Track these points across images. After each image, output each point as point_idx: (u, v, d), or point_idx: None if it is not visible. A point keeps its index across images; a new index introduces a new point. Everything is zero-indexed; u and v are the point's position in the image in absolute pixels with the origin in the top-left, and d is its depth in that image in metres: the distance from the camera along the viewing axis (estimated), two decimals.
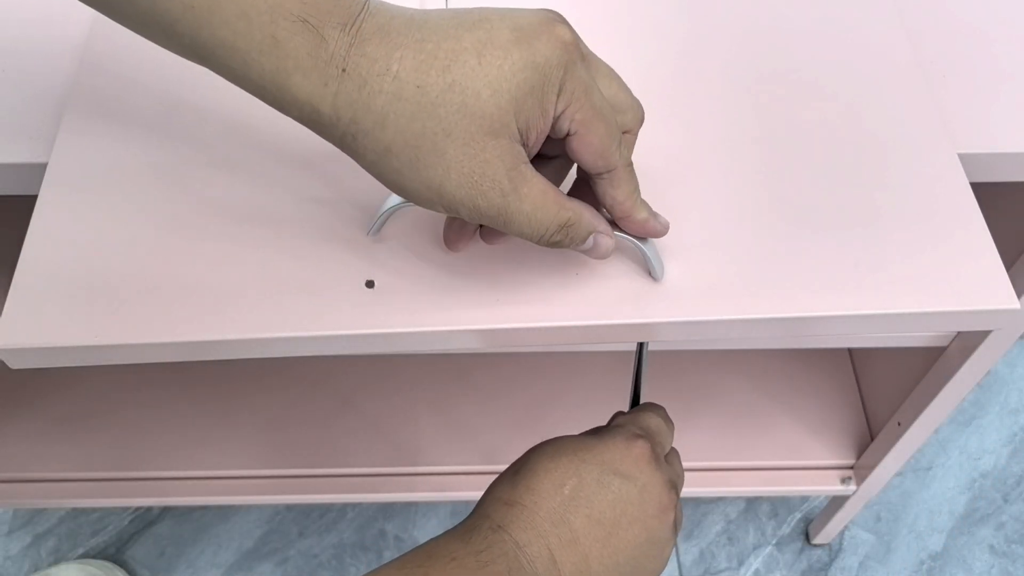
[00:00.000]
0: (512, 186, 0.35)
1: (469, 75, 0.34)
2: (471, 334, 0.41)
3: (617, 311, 0.41)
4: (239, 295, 0.40)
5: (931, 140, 0.47)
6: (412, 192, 0.35)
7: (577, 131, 0.36)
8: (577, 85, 0.35)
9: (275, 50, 0.33)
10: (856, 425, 0.98)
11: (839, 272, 0.42)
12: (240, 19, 0.33)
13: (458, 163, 0.34)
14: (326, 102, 0.34)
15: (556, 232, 0.37)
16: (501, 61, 0.34)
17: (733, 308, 0.41)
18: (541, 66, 0.34)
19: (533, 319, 0.41)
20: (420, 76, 0.34)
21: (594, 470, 0.43)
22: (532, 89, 0.34)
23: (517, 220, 0.36)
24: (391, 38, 0.34)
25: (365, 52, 0.34)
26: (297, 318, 0.40)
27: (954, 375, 0.74)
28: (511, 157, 0.35)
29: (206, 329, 0.39)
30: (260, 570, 1.13)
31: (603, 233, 0.39)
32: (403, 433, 0.97)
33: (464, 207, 0.35)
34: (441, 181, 0.34)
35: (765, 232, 0.43)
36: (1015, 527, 1.18)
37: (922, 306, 0.41)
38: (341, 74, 0.33)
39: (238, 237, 0.42)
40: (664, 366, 1.01)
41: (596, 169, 0.38)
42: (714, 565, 1.15)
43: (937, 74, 0.52)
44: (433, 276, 0.42)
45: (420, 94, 0.34)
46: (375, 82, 0.34)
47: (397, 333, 0.40)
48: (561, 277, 0.42)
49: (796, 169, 0.46)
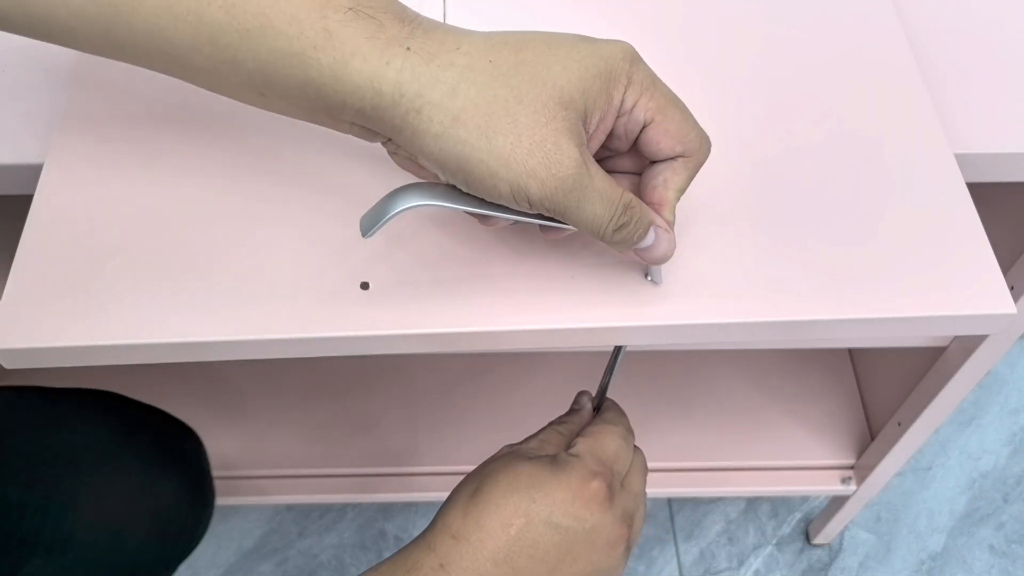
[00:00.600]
0: (583, 159, 0.34)
1: (540, 56, 0.35)
2: (467, 336, 0.40)
3: (614, 314, 0.41)
4: (232, 296, 0.40)
5: (929, 142, 0.47)
6: (477, 164, 0.34)
7: (654, 118, 0.36)
8: (645, 77, 0.36)
9: (329, 42, 0.34)
10: (856, 425, 0.98)
11: (833, 275, 0.42)
12: (292, 24, 0.34)
13: (530, 129, 0.33)
14: (388, 80, 0.34)
15: (623, 212, 0.36)
16: (569, 49, 0.35)
17: (729, 312, 0.41)
18: (606, 58, 0.35)
19: (531, 322, 0.40)
20: (492, 53, 0.34)
21: (543, 511, 0.42)
22: (600, 73, 0.35)
23: (589, 196, 0.35)
24: (458, 31, 0.35)
25: (431, 37, 0.35)
26: (290, 320, 0.39)
27: (954, 375, 0.74)
28: (579, 133, 0.35)
29: (201, 330, 0.39)
30: (260, 570, 1.13)
31: (663, 227, 0.38)
32: (403, 433, 0.97)
33: (535, 179, 0.33)
34: (512, 149, 0.33)
35: (758, 235, 0.43)
36: (1015, 527, 1.18)
37: (917, 311, 0.41)
38: (406, 52, 0.34)
39: (233, 239, 0.42)
40: (664, 366, 1.01)
41: (674, 152, 0.37)
42: (714, 565, 1.15)
43: (938, 74, 0.52)
44: (429, 278, 0.41)
45: (492, 67, 0.34)
46: (445, 56, 0.34)
47: (392, 335, 0.40)
48: (560, 281, 0.42)
49: (791, 172, 0.45)
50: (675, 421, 0.98)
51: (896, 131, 0.47)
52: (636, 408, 0.97)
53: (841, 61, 0.50)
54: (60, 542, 0.60)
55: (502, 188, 0.34)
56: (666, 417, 0.98)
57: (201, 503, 0.71)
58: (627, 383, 0.99)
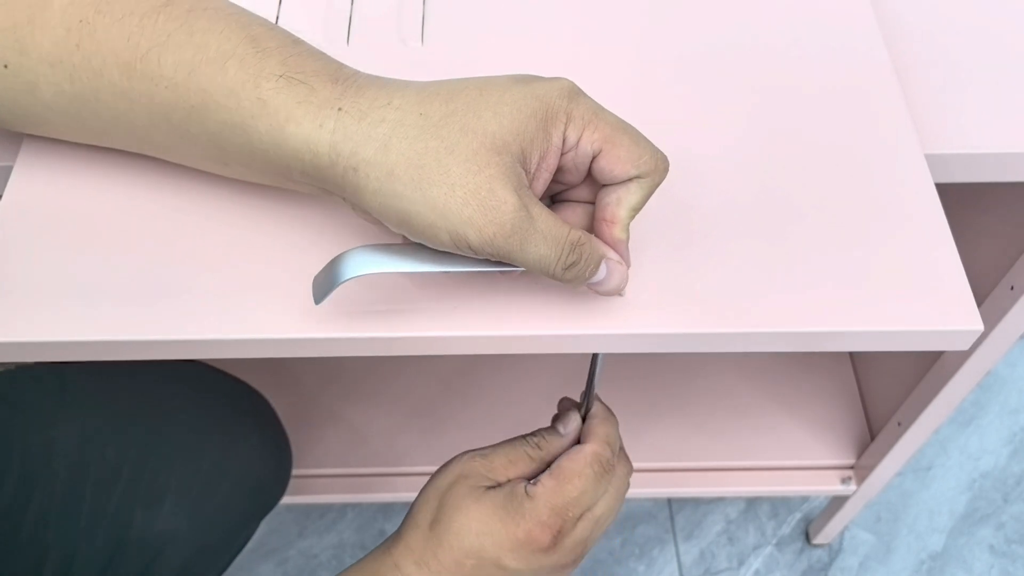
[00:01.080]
0: (522, 203, 0.34)
1: (471, 104, 0.35)
2: (441, 340, 0.40)
3: (588, 323, 0.40)
4: (203, 295, 0.40)
5: (901, 145, 0.46)
6: (415, 216, 0.34)
7: (602, 148, 0.36)
8: (586, 110, 0.36)
9: (264, 110, 0.35)
10: (856, 425, 0.98)
11: (801, 288, 0.41)
12: (229, 97, 0.36)
13: (463, 179, 0.34)
14: (323, 142, 0.35)
15: (570, 252, 0.36)
16: (501, 93, 0.35)
17: (687, 322, 0.40)
18: (541, 97, 0.35)
19: (515, 328, 0.40)
20: (423, 106, 0.35)
21: (493, 554, 0.46)
22: (534, 113, 0.35)
23: (532, 240, 0.35)
24: (391, 86, 0.36)
25: (363, 94, 0.35)
26: (250, 321, 0.39)
27: (954, 375, 0.74)
28: (516, 176, 0.35)
29: (178, 329, 0.39)
30: (260, 570, 1.13)
31: (615, 260, 0.38)
32: (402, 433, 0.97)
33: (473, 227, 0.34)
34: (446, 199, 0.33)
35: (727, 245, 0.42)
36: (1015, 527, 1.18)
37: (879, 325, 0.40)
38: (338, 113, 0.35)
39: (210, 235, 0.42)
40: (664, 366, 1.01)
41: (628, 175, 0.37)
42: (714, 565, 1.15)
43: (918, 74, 0.51)
44: (405, 282, 0.41)
45: (423, 119, 0.34)
46: (376, 113, 0.35)
47: (374, 338, 0.40)
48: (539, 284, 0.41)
49: (762, 181, 0.44)
50: (675, 421, 0.98)
51: (868, 134, 0.46)
52: (637, 408, 0.98)
53: (820, 71, 0.49)
54: (156, 496, 0.66)
55: (442, 237, 0.34)
56: (666, 417, 0.98)
57: (280, 459, 0.76)
58: (627, 383, 0.99)
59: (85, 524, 0.63)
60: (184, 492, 0.67)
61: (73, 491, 0.63)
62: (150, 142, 0.40)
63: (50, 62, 0.37)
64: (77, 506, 0.63)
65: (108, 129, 0.40)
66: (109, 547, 0.64)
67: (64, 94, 0.38)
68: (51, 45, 0.37)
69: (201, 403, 0.72)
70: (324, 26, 0.50)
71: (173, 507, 0.66)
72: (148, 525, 0.65)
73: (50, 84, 0.38)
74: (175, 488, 0.67)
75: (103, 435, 0.66)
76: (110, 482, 0.64)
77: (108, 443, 0.65)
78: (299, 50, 0.37)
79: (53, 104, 0.39)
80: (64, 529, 0.63)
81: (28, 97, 0.39)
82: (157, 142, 0.40)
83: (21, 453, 0.63)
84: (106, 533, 0.64)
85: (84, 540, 0.63)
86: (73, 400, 0.67)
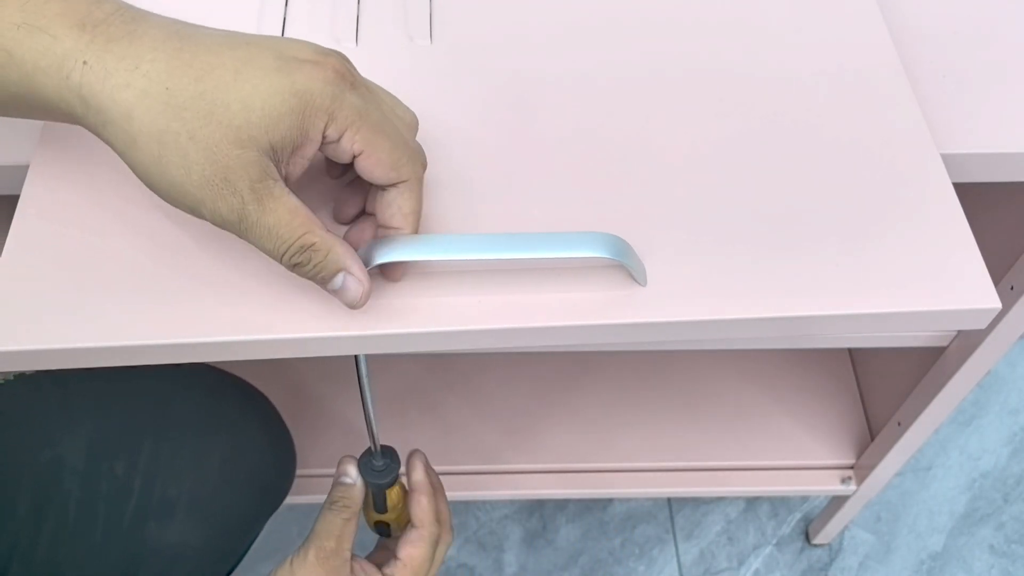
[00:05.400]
0: (254, 196, 0.35)
1: (221, 88, 0.34)
2: (458, 335, 0.40)
3: (599, 314, 0.40)
4: (199, 297, 0.40)
5: (913, 140, 0.46)
6: (156, 187, 0.35)
7: (363, 150, 0.37)
8: (350, 112, 0.36)
9: (11, 61, 0.34)
10: (856, 425, 0.98)
11: (818, 273, 0.41)
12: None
13: (199, 166, 0.34)
14: (72, 94, 0.34)
15: (296, 253, 0.36)
16: (257, 81, 0.35)
17: (710, 309, 0.40)
18: (301, 93, 0.35)
19: (531, 320, 0.40)
20: (171, 79, 0.34)
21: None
22: (291, 110, 0.35)
23: (255, 231, 0.35)
24: (144, 42, 0.35)
25: (111, 50, 0.34)
26: (248, 321, 0.39)
27: (954, 375, 0.74)
28: (257, 170, 0.35)
29: (176, 331, 0.39)
30: (260, 570, 1.13)
31: (355, 277, 0.38)
32: (400, 434, 0.97)
33: (205, 208, 0.35)
34: (183, 181, 0.34)
35: (743, 233, 0.43)
36: (1015, 527, 1.17)
37: (898, 307, 0.41)
38: (83, 66, 0.34)
39: (206, 237, 0.42)
40: (664, 366, 1.01)
41: (389, 180, 0.38)
42: (714, 565, 1.14)
43: (935, 74, 0.51)
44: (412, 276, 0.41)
45: (168, 95, 0.34)
46: (121, 76, 0.34)
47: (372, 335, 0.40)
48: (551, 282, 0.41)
49: (775, 171, 0.45)
50: (675, 421, 0.98)
51: (883, 132, 0.47)
52: (638, 408, 0.98)
53: (827, 63, 0.49)
54: (167, 508, 0.66)
55: (182, 207, 0.36)
56: (666, 417, 0.98)
57: (285, 458, 0.77)
58: (627, 383, 0.99)
59: (99, 540, 0.63)
60: (194, 500, 0.67)
61: (86, 509, 0.63)
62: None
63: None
64: (91, 524, 0.63)
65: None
66: (124, 562, 0.64)
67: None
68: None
69: (206, 405, 0.72)
70: (331, 26, 0.50)
71: (184, 516, 0.66)
72: (161, 537, 0.65)
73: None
74: (186, 497, 0.66)
75: (111, 448, 0.65)
76: (122, 498, 0.64)
77: (117, 457, 0.65)
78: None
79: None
80: (79, 548, 0.63)
81: None
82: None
83: (32, 473, 0.63)
84: (120, 549, 0.64)
85: (99, 557, 0.63)
86: (77, 410, 0.67)
